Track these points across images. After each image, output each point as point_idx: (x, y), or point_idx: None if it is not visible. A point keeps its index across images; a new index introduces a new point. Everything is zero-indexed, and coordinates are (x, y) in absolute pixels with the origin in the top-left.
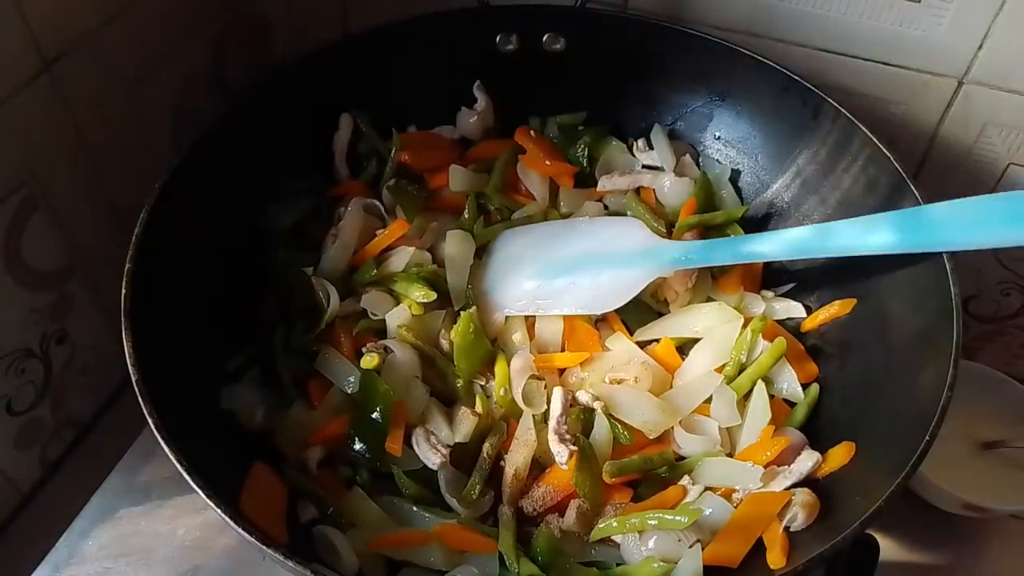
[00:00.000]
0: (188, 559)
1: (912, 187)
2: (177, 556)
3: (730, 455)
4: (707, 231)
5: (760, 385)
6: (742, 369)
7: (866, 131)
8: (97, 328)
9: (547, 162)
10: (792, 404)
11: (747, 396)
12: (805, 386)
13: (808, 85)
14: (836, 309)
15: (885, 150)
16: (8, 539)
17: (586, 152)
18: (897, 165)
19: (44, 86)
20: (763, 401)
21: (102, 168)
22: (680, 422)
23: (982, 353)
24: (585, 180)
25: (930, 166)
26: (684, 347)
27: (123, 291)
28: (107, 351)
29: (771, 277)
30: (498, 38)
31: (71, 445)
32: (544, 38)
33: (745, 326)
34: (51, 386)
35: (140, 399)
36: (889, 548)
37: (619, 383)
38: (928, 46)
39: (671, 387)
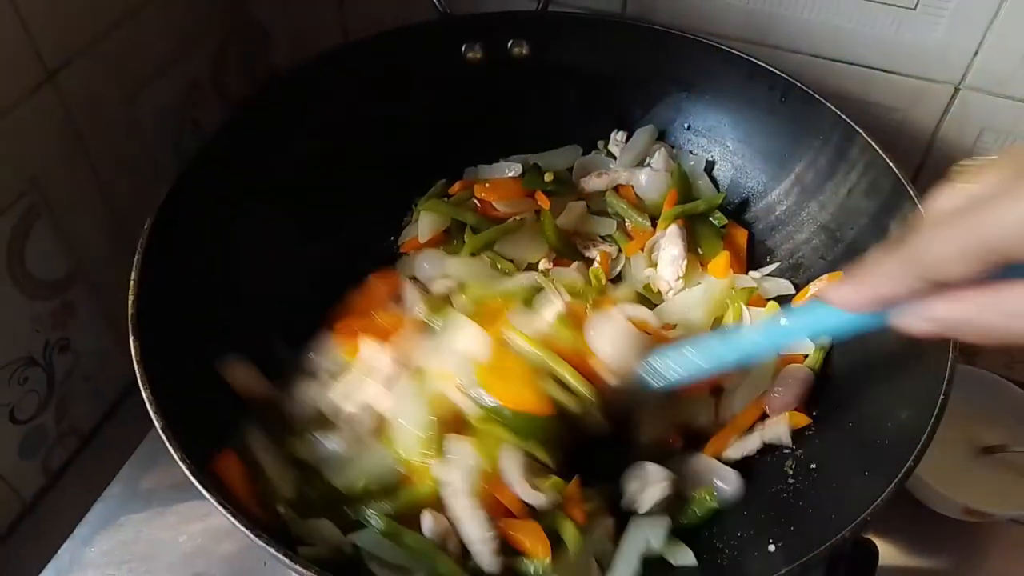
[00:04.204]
0: (190, 566)
1: (911, 192)
2: (179, 563)
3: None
4: (690, 220)
5: None
6: None
7: (865, 136)
8: (99, 336)
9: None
10: None
11: None
12: None
13: (773, 69)
14: (824, 283)
15: (884, 155)
16: (11, 546)
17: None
18: (896, 170)
19: (46, 96)
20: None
21: (103, 177)
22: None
23: (981, 357)
24: None
25: (928, 171)
26: None
27: (130, 298)
28: (110, 359)
29: (756, 259)
30: (463, 47)
31: (74, 453)
32: (508, 44)
33: None
34: (54, 395)
35: (149, 407)
36: (888, 553)
37: None
38: (924, 52)
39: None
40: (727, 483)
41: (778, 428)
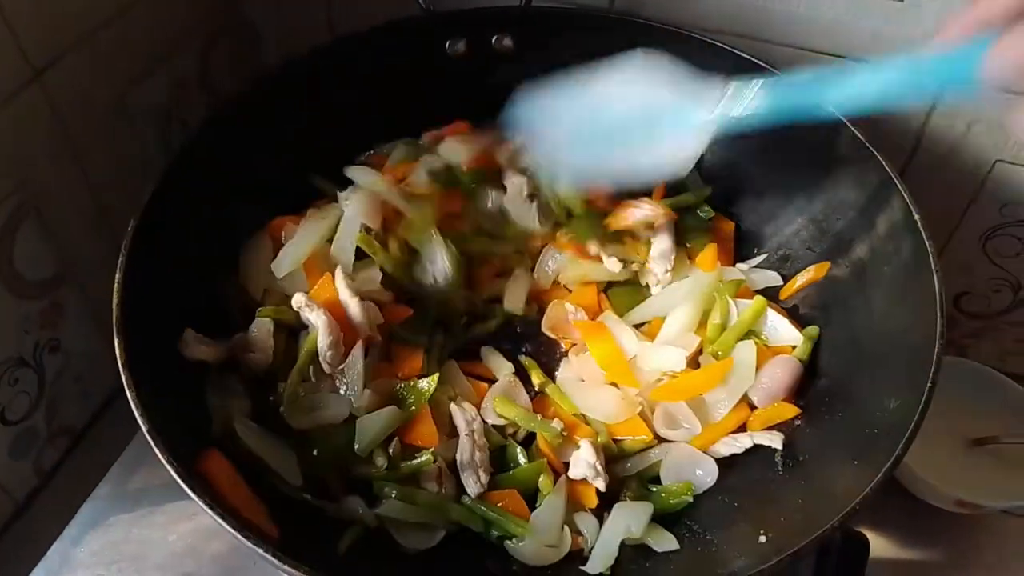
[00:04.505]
0: (179, 565)
1: (899, 185)
2: (168, 562)
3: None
4: (677, 213)
5: (750, 344)
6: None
7: (853, 129)
8: (89, 336)
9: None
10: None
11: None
12: None
13: (757, 61)
14: (812, 274)
15: (872, 148)
16: (4, 547)
17: None
18: (885, 164)
19: (34, 95)
20: (749, 358)
21: (92, 175)
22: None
23: (974, 350)
24: None
25: (917, 163)
26: None
27: (115, 300)
28: (99, 359)
29: (744, 251)
30: (447, 43)
31: (65, 453)
32: (493, 40)
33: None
34: (44, 395)
35: (134, 410)
36: (880, 545)
37: None
38: (911, 45)
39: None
40: (707, 473)
41: (771, 435)
